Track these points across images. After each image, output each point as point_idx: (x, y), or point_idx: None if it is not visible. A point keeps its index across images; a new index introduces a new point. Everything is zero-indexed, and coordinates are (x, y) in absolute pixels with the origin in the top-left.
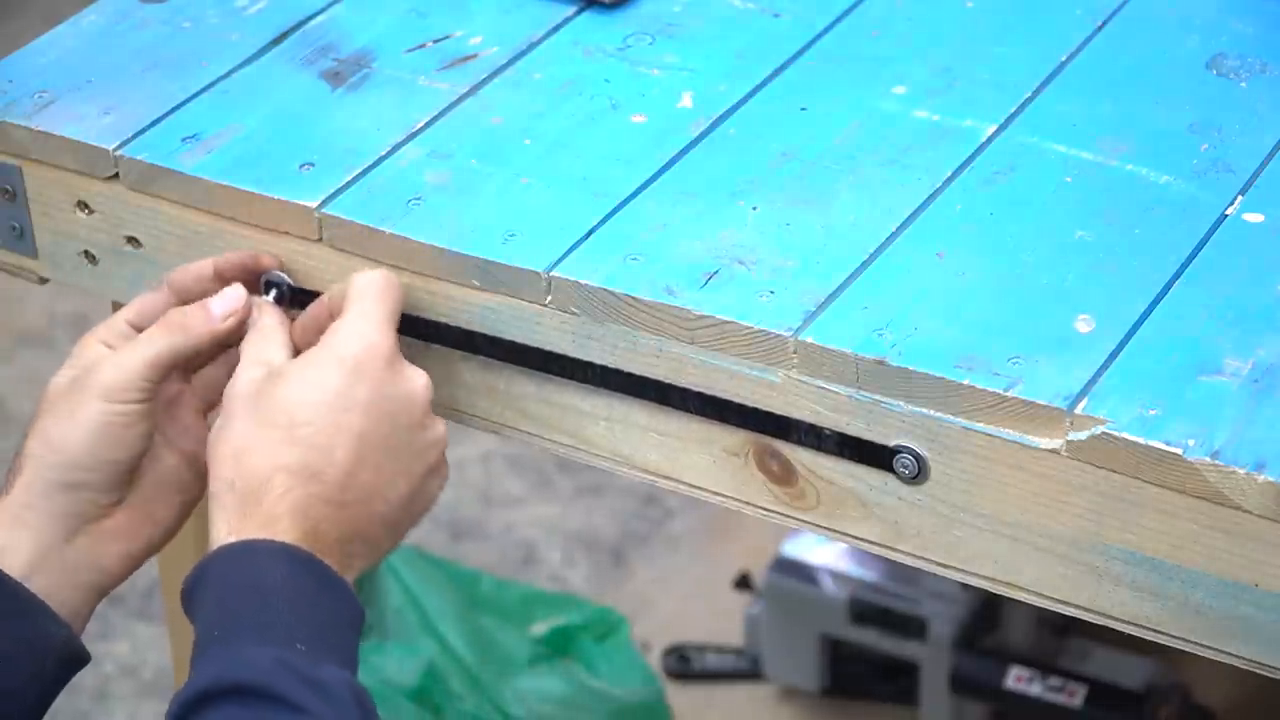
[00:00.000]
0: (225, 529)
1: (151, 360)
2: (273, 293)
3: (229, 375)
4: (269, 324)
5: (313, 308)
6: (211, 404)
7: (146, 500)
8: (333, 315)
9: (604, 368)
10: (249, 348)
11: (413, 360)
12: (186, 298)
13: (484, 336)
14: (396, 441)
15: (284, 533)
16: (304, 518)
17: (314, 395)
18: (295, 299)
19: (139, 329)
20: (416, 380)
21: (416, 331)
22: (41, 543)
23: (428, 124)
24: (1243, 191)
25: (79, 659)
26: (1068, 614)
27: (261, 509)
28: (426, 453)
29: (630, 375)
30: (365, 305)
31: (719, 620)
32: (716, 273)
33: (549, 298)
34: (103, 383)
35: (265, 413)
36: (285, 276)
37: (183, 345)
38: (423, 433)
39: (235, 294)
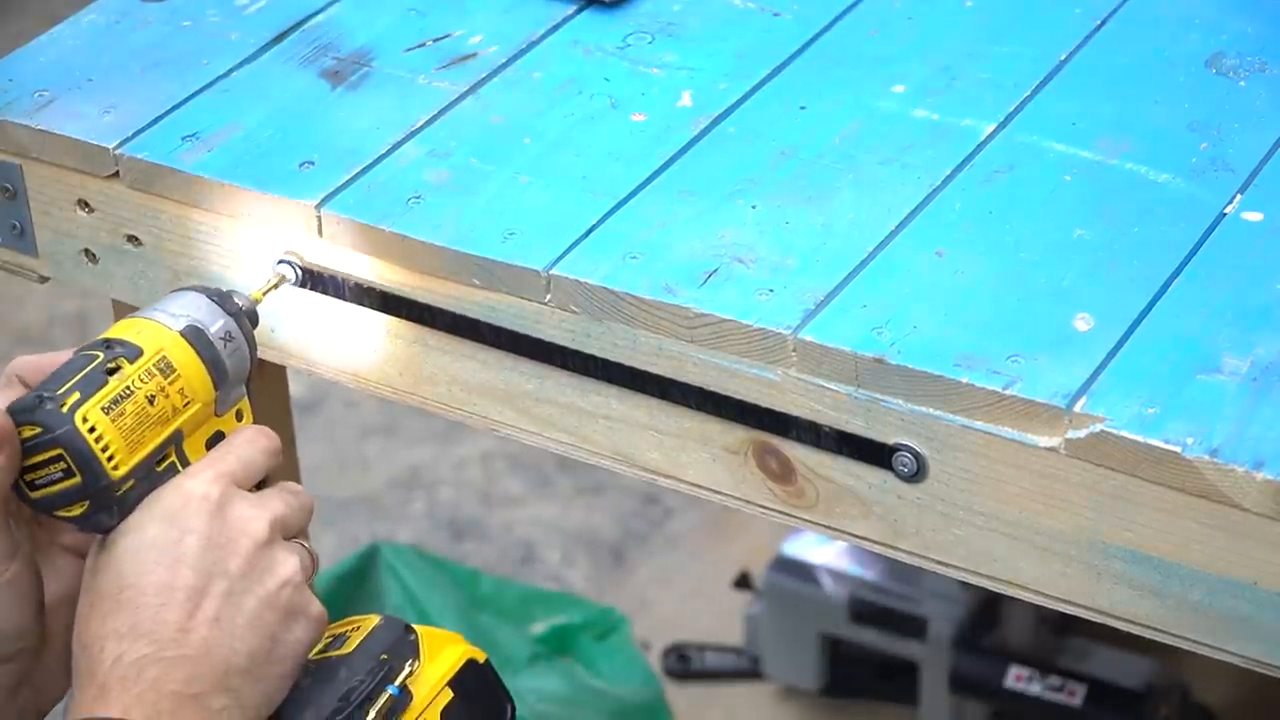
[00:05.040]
0: (74, 710)
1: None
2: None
3: None
4: None
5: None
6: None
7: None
8: None
9: (605, 361)
10: None
11: (412, 359)
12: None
13: (489, 326)
14: (234, 589)
15: (112, 705)
16: (134, 682)
17: (138, 554)
18: (305, 280)
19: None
20: (251, 524)
21: (421, 320)
22: None
23: (427, 123)
24: (1242, 190)
25: None
26: (1067, 612)
27: (94, 683)
28: (275, 596)
29: (630, 372)
30: (203, 460)
31: (719, 620)
32: (716, 271)
33: (548, 296)
34: None
35: (97, 581)
36: (294, 258)
37: None
38: (265, 576)
39: None
